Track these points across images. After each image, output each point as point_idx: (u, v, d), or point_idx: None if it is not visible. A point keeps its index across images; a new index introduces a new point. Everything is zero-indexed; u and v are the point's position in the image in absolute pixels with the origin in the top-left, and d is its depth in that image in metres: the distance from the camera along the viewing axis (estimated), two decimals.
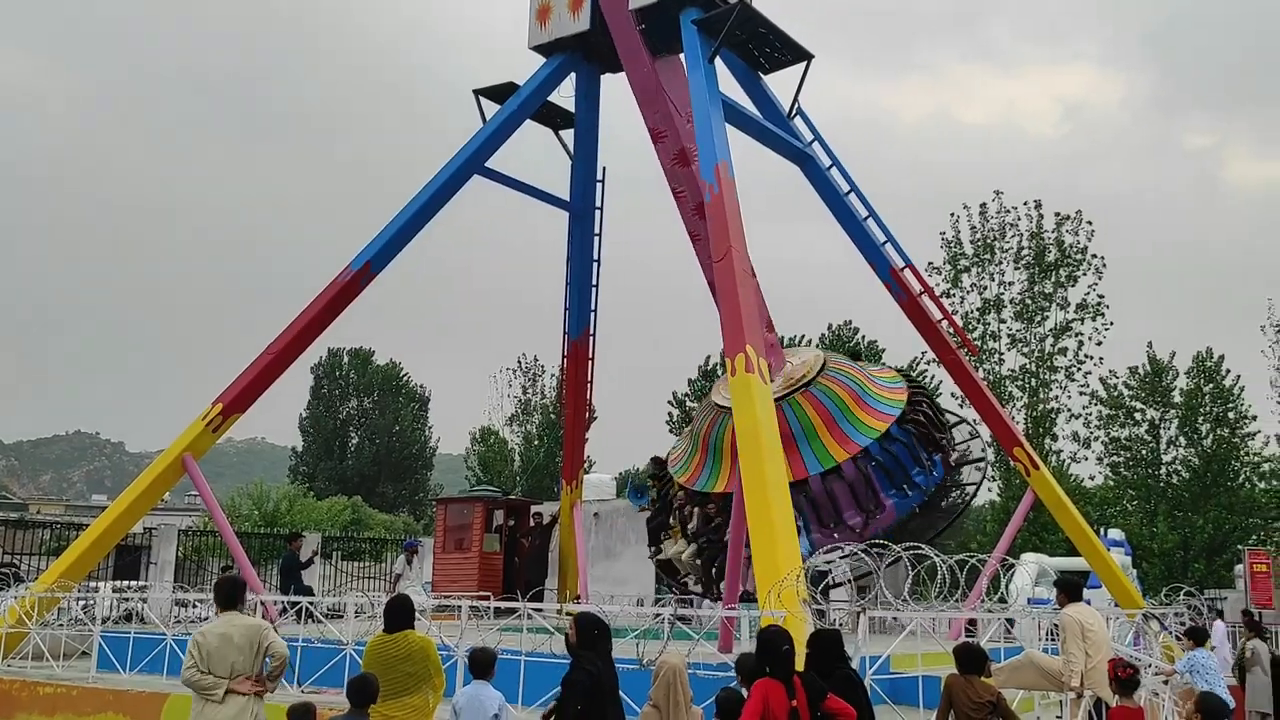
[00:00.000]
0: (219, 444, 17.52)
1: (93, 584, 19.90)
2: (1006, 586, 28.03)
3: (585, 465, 25.53)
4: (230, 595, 8.28)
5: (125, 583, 23.20)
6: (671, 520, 18.64)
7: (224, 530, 17.34)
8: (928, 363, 56.25)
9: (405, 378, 78.01)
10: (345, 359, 76.42)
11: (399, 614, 8.26)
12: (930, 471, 17.09)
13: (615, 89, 18.38)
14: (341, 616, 13.90)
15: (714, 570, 17.09)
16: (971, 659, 8.48)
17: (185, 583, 25.90)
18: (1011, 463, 18.36)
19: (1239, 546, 40.05)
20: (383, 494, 71.62)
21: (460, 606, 12.63)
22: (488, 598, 14.91)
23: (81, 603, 16.49)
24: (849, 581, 14.59)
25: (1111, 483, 48.07)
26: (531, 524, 23.44)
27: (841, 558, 10.91)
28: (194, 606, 18.42)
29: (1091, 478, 50.14)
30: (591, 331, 20.52)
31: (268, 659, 7.98)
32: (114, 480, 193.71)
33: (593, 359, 20.86)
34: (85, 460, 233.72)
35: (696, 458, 18.05)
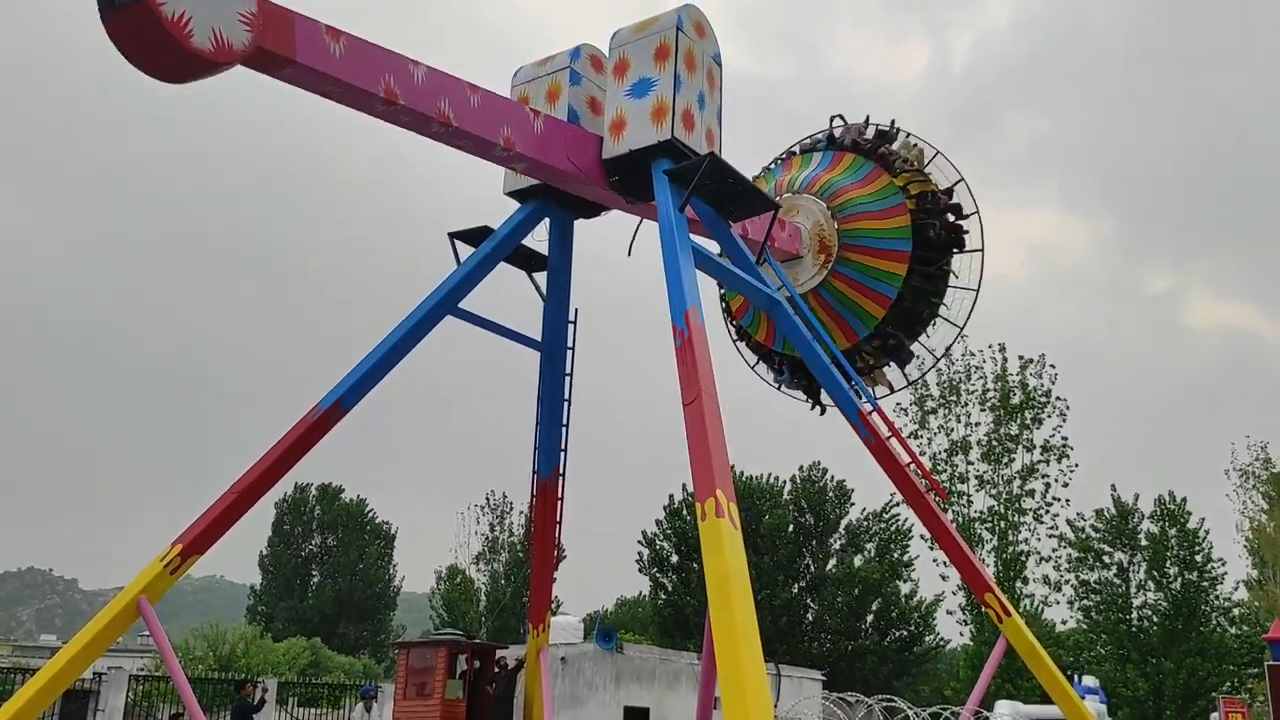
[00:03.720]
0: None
1: None
2: None
3: (553, 607, 25.08)
4: None
5: None
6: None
7: (177, 679, 16.74)
8: (897, 504, 56.40)
9: (371, 514, 76.92)
10: (312, 494, 75.34)
11: None
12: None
13: (589, 231, 18.74)
14: None
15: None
16: None
17: None
18: (983, 609, 18.20)
19: (1213, 694, 39.57)
20: (343, 635, 69.79)
21: None
22: None
23: None
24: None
25: (1084, 627, 47.72)
26: (496, 669, 22.85)
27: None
28: None
29: (1064, 622, 49.81)
30: (561, 471, 20.40)
31: None
32: (65, 619, 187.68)
33: (562, 499, 20.68)
34: (36, 598, 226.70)
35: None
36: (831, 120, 20.09)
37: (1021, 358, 45.76)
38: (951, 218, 18.85)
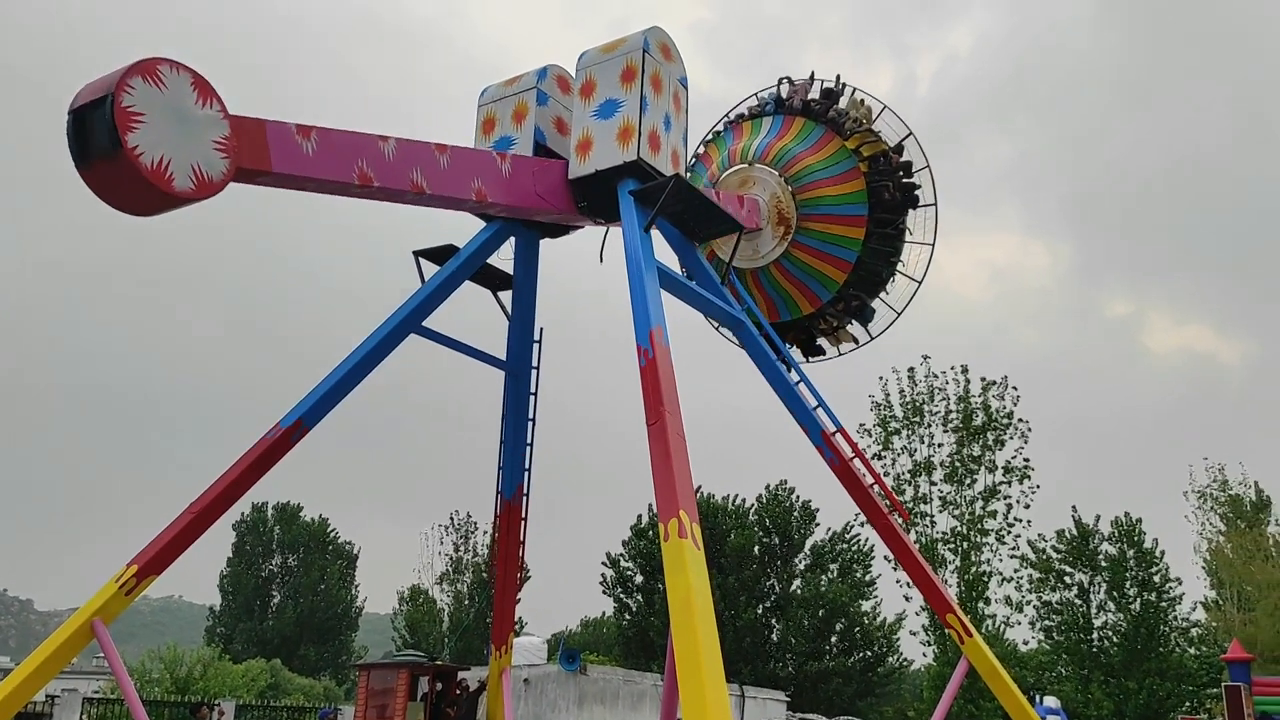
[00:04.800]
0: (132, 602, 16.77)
1: None
2: None
3: (516, 627, 24.92)
4: None
5: None
6: None
7: (131, 702, 16.44)
8: (861, 525, 56.61)
9: (333, 534, 76.12)
10: (270, 514, 74.48)
11: None
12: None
13: (555, 251, 18.71)
14: None
15: None
16: None
17: None
18: (945, 630, 18.26)
19: (1173, 715, 39.92)
20: (304, 657, 68.91)
21: None
22: None
23: None
24: None
25: (1046, 647, 48.05)
26: (458, 691, 22.66)
27: None
28: None
29: (1025, 642, 50.12)
30: (525, 491, 20.30)
31: None
32: (19, 640, 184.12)
33: (526, 518, 20.57)
34: None
35: None
36: (779, 82, 20.30)
37: (984, 380, 46.19)
38: (902, 175, 19.16)
